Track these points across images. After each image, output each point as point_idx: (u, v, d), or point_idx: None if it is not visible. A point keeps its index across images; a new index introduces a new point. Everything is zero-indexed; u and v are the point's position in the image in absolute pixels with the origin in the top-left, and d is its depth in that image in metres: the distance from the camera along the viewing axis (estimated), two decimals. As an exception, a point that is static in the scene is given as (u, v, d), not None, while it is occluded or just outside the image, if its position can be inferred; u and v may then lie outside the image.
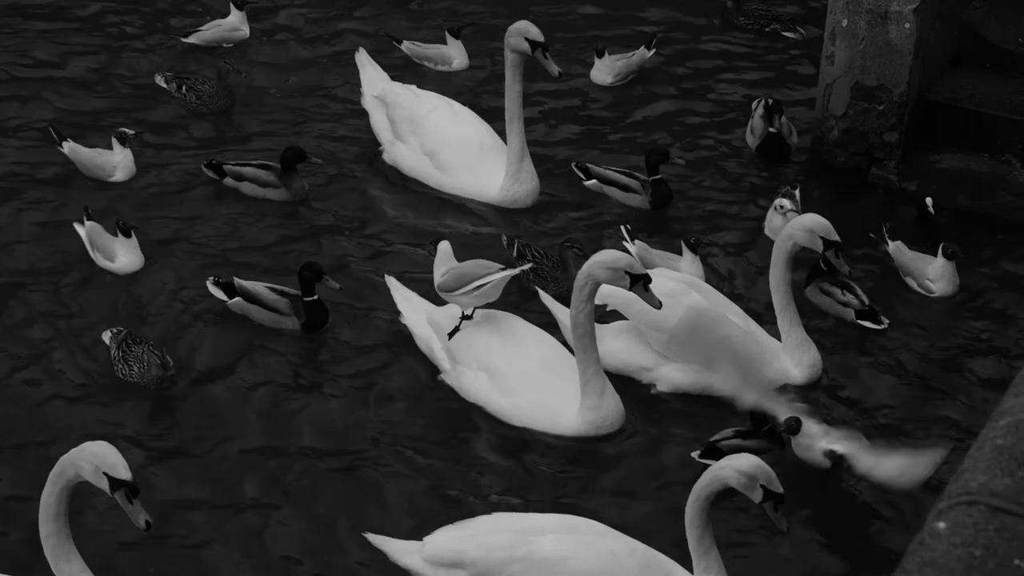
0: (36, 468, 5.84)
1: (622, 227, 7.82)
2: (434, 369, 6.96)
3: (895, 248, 7.74)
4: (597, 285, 6.34)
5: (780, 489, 5.28)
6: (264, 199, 8.19)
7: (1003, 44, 8.75)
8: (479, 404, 6.73)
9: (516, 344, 6.70)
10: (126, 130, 8.29)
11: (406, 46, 9.72)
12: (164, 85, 9.10)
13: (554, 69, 8.05)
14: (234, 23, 9.84)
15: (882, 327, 7.34)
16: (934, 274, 7.61)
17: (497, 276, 6.67)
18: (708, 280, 7.45)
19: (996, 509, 2.49)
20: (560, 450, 6.59)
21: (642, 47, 9.64)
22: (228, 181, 8.21)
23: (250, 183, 8.19)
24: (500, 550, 5.37)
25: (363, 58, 8.85)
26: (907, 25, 8.12)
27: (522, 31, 7.90)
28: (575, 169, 8.50)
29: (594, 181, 8.42)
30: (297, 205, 8.22)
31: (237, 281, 7.18)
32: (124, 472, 4.94)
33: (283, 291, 7.17)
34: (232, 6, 9.84)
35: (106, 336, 6.87)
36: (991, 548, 2.41)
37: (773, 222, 7.96)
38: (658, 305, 6.33)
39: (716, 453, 6.31)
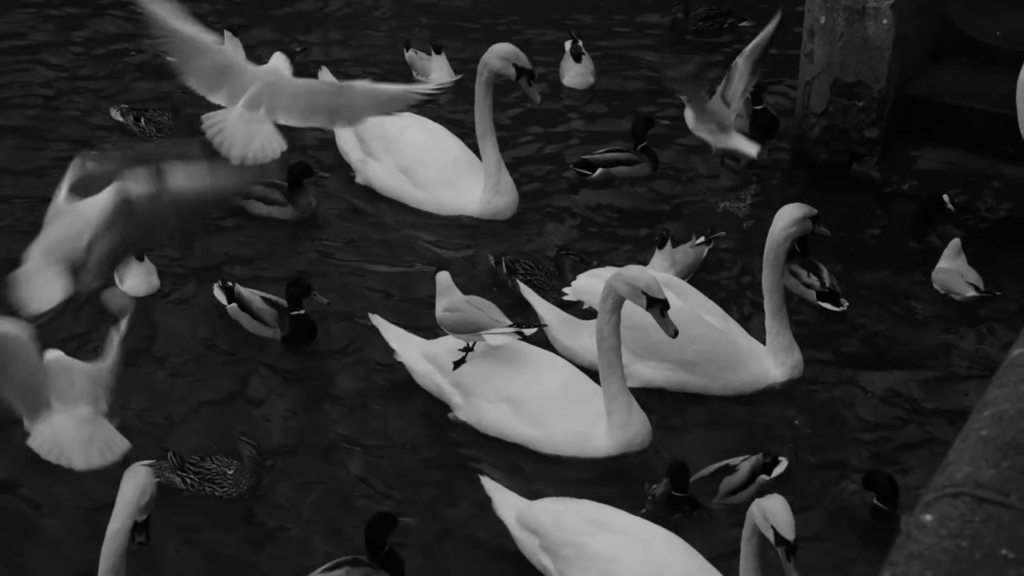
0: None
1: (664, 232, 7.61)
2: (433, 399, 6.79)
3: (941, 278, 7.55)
4: (620, 299, 6.20)
5: (790, 536, 5.19)
6: (269, 217, 8.10)
7: (981, 37, 8.78)
8: (502, 437, 6.54)
9: (532, 371, 6.54)
10: None
11: (409, 54, 9.68)
12: (120, 118, 8.72)
13: (537, 97, 8.04)
14: None
15: (841, 309, 7.37)
16: (969, 274, 7.48)
17: (507, 331, 6.47)
18: (699, 271, 7.55)
19: (982, 500, 2.51)
20: (596, 466, 6.47)
21: (567, 43, 9.63)
22: (236, 199, 8.02)
23: (256, 201, 8.07)
24: (566, 531, 5.60)
25: (324, 77, 8.61)
26: (885, 21, 8.15)
27: (511, 57, 7.78)
28: (575, 169, 8.49)
29: (600, 171, 8.42)
30: (302, 221, 8.12)
31: (237, 288, 7.22)
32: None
33: (276, 303, 7.17)
34: (226, 32, 9.21)
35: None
36: (977, 539, 2.43)
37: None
38: (672, 333, 6.18)
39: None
